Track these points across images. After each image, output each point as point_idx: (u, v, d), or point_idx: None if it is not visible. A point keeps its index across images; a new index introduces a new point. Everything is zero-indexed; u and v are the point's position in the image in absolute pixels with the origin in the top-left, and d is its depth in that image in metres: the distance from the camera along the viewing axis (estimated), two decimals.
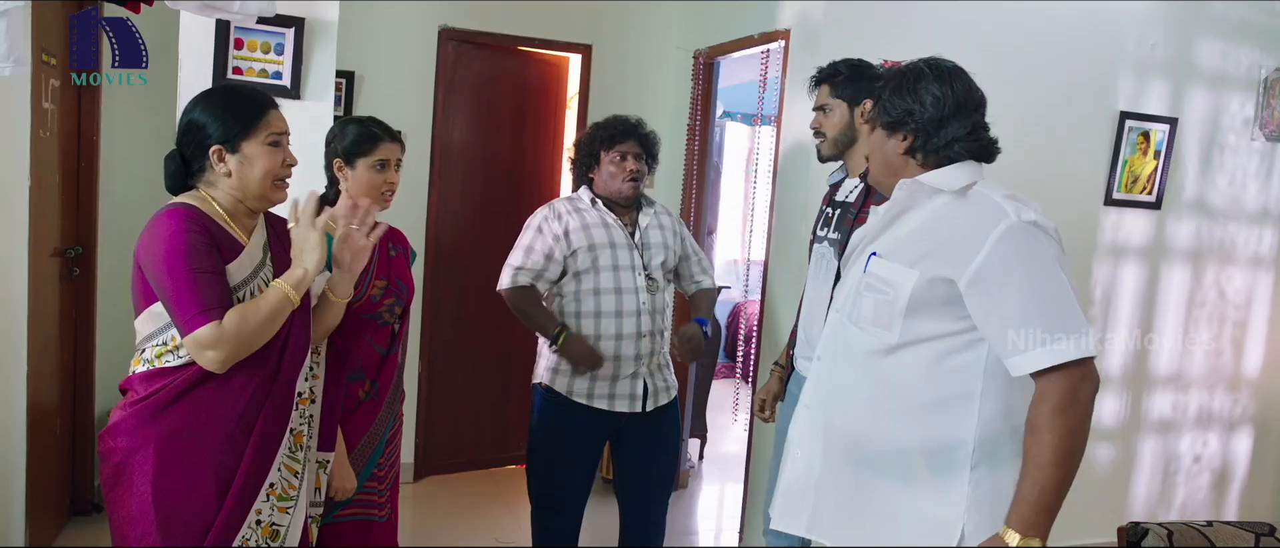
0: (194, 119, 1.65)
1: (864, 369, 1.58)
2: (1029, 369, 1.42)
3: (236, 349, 1.56)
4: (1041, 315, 1.41)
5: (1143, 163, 3.42)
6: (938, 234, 1.53)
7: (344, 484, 2.03)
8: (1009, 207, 1.46)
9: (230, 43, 2.45)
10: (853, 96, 2.27)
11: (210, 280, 1.56)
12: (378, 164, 2.09)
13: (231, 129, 1.64)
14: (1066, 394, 1.40)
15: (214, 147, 1.63)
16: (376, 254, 2.12)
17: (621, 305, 2.52)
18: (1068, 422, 1.40)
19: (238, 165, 1.65)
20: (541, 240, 2.53)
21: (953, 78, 1.56)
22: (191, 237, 1.56)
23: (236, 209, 1.68)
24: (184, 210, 1.60)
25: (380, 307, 2.11)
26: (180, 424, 1.58)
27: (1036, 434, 1.42)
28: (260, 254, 1.70)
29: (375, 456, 2.15)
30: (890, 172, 1.63)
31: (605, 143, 2.57)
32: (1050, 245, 1.46)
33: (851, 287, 1.64)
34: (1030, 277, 1.43)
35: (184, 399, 1.58)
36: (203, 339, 1.54)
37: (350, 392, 2.08)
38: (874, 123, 1.65)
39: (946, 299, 1.48)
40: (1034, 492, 1.41)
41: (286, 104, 2.50)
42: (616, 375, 2.54)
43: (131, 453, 1.58)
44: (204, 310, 1.53)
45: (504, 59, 4.01)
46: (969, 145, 1.56)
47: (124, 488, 1.58)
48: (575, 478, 2.62)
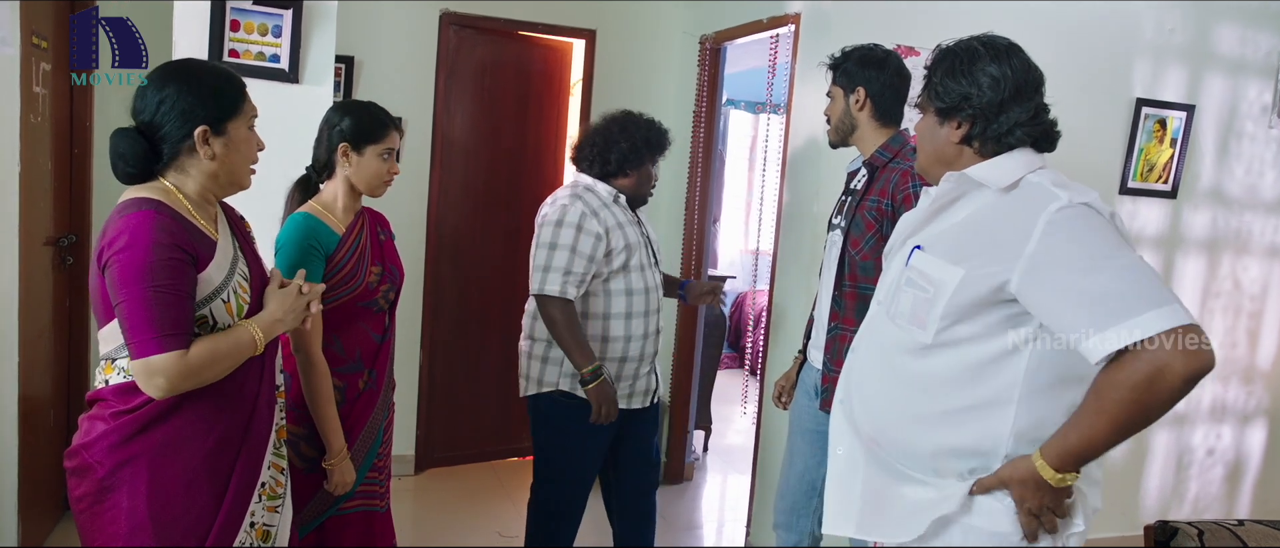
0: (173, 96, 1.49)
1: (895, 367, 1.50)
2: (1108, 350, 1.24)
3: (191, 385, 1.45)
4: (1111, 290, 1.26)
5: (1159, 151, 3.35)
6: (986, 230, 1.42)
7: (344, 479, 1.98)
8: (1060, 192, 1.36)
9: (226, 24, 2.37)
10: (848, 83, 2.23)
11: (175, 301, 1.42)
12: (386, 152, 2.04)
13: (221, 109, 1.51)
14: (1151, 370, 1.22)
15: (200, 127, 1.50)
16: (370, 240, 2.07)
17: (648, 304, 2.52)
18: (1141, 399, 1.24)
19: (222, 149, 1.53)
20: (584, 240, 2.39)
21: (1010, 55, 1.46)
22: (159, 247, 1.41)
23: (202, 199, 1.55)
24: (153, 211, 1.44)
25: (376, 294, 2.06)
26: (175, 435, 1.48)
27: (1098, 394, 1.29)
28: (232, 248, 1.59)
29: (375, 445, 2.10)
30: (942, 162, 1.52)
31: (655, 148, 2.53)
32: (1107, 226, 1.34)
33: (892, 279, 1.54)
34: (1092, 256, 1.30)
35: (180, 411, 1.48)
36: (159, 367, 1.40)
37: (349, 383, 2.02)
38: (924, 109, 1.55)
39: (992, 302, 1.37)
40: (1078, 439, 1.31)
41: (285, 88, 2.47)
42: (637, 375, 2.53)
43: (117, 469, 1.47)
44: (165, 335, 1.40)
45: (506, 44, 3.94)
46: (1030, 130, 1.46)
47: (110, 506, 1.47)
48: (587, 482, 2.59)
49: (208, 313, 1.49)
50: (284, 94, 2.42)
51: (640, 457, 2.67)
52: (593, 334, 2.46)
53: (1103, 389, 1.28)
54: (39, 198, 2.79)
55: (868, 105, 2.21)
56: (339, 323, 1.99)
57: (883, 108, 2.22)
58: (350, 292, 2.00)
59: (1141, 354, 1.23)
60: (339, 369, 2.00)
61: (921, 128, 1.57)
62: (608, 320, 2.46)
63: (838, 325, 2.17)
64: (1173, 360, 1.22)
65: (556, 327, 2.39)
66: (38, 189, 2.77)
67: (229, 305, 1.52)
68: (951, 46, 1.51)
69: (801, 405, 2.37)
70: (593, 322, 2.46)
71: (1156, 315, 1.23)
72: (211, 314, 1.50)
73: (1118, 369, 1.26)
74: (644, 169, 2.53)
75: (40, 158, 2.78)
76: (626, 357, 2.48)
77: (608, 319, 2.46)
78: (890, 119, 2.24)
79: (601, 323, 2.46)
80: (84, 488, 1.48)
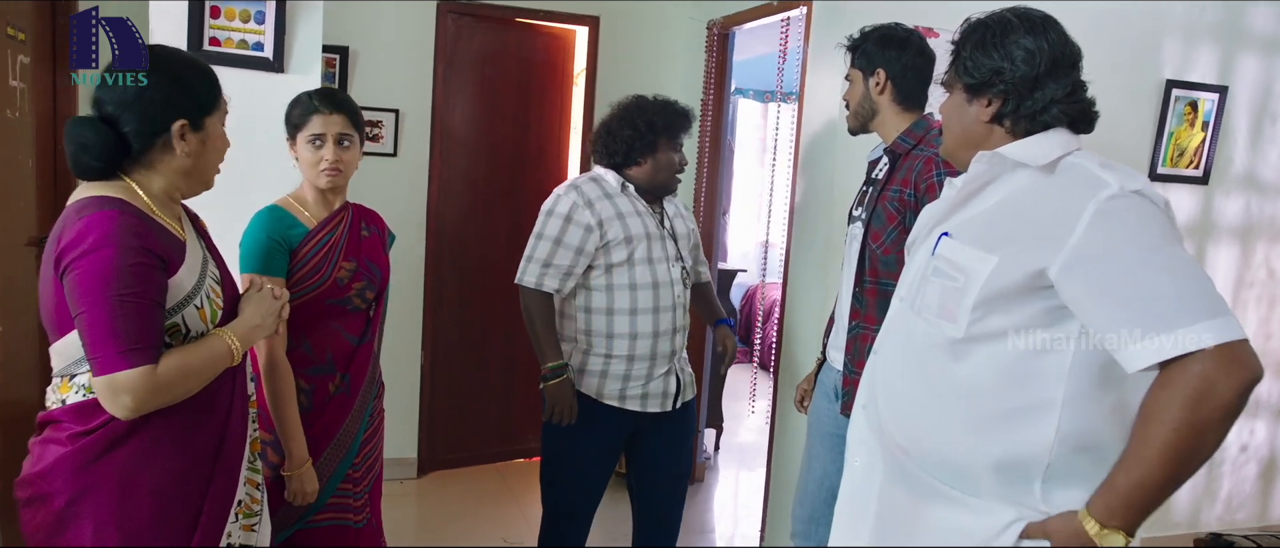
0: (151, 85, 1.37)
1: (924, 367, 1.37)
2: (1150, 361, 1.14)
3: (161, 402, 1.32)
4: (1161, 295, 1.15)
5: (1190, 135, 3.20)
6: (1023, 214, 1.30)
7: (303, 489, 1.86)
8: (1109, 176, 1.23)
9: (206, 10, 2.25)
10: (867, 65, 2.10)
11: (143, 311, 1.29)
12: (312, 139, 1.89)
13: (201, 102, 1.39)
14: (1200, 385, 1.12)
15: (179, 122, 1.38)
16: (346, 235, 1.95)
17: (658, 300, 2.34)
18: (1193, 417, 1.12)
19: (198, 146, 1.41)
20: (572, 231, 2.28)
21: (1046, 28, 1.34)
22: (125, 251, 1.28)
23: (165, 198, 1.43)
24: (118, 211, 1.31)
25: (348, 291, 1.94)
26: (142, 456, 1.35)
27: (1148, 422, 1.16)
28: (201, 250, 1.47)
29: (348, 457, 1.98)
30: (970, 144, 1.40)
31: (668, 131, 2.37)
32: (1162, 217, 1.22)
33: (917, 272, 1.42)
34: (1140, 253, 1.18)
35: (146, 428, 1.35)
36: (125, 384, 1.27)
37: (318, 385, 1.90)
38: (951, 87, 1.43)
39: (1028, 291, 1.25)
40: (1128, 483, 1.18)
41: (270, 78, 2.35)
42: (650, 375, 2.37)
43: (79, 497, 1.33)
44: (132, 349, 1.27)
45: (507, 32, 3.81)
46: (1067, 109, 1.34)
47: (73, 537, 1.34)
48: (596, 484, 2.45)
49: (180, 321, 1.37)
50: (269, 84, 2.30)
51: (658, 464, 2.51)
52: (595, 330, 2.33)
53: (1148, 415, 1.17)
54: (20, 197, 2.68)
55: (889, 88, 2.08)
56: (307, 322, 1.87)
57: (905, 91, 2.09)
58: (315, 288, 1.88)
59: (1187, 368, 1.13)
60: (306, 371, 1.89)
61: (948, 108, 1.45)
62: (611, 316, 2.33)
63: (859, 324, 2.04)
64: (1218, 374, 1.12)
65: (529, 318, 2.32)
66: (18, 187, 2.66)
67: (203, 312, 1.40)
68: (982, 19, 1.39)
69: (821, 408, 2.24)
70: (595, 317, 2.33)
71: (1208, 328, 1.12)
72: (184, 322, 1.37)
73: (1161, 389, 1.15)
74: (658, 155, 2.37)
75: (19, 155, 2.67)
76: (634, 355, 2.34)
77: (611, 315, 2.33)
78: (913, 103, 2.11)
79: (604, 319, 2.33)
80: (40, 519, 1.35)
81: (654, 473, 2.52)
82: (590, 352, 2.35)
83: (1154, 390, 1.17)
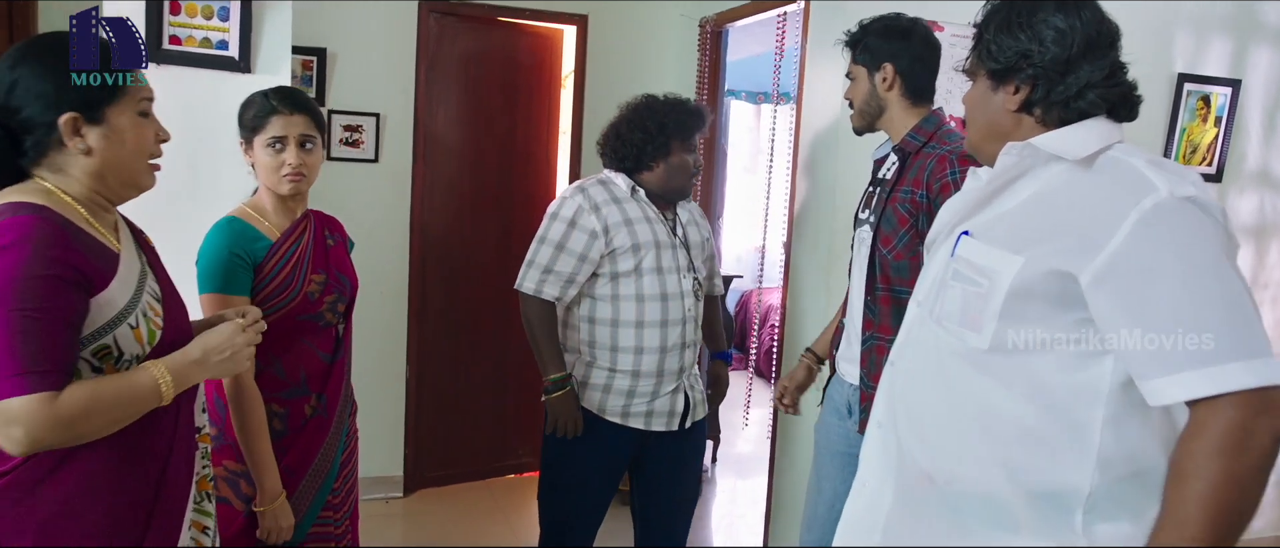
0: (27, 76, 1.21)
1: (947, 382, 1.23)
2: (1177, 398, 1.04)
3: (62, 438, 1.14)
4: (1200, 325, 1.03)
5: (1202, 131, 3.09)
6: (1055, 212, 1.16)
7: (278, 525, 1.72)
8: (1157, 178, 1.09)
9: (164, 6, 2.10)
10: (871, 61, 1.98)
11: (48, 330, 1.12)
12: (271, 142, 1.75)
13: (92, 91, 1.22)
14: (1235, 431, 1.01)
15: (67, 115, 1.21)
16: (312, 244, 1.81)
17: (667, 313, 2.20)
18: (1231, 468, 1.01)
19: (101, 141, 1.24)
20: (576, 237, 2.15)
21: (1079, 4, 1.21)
22: (34, 261, 1.12)
23: (92, 202, 1.27)
24: (33, 217, 1.15)
25: (320, 306, 1.80)
26: (65, 503, 1.18)
27: (1182, 479, 1.04)
28: (138, 262, 1.31)
29: (328, 482, 1.84)
30: (996, 136, 1.27)
31: (682, 132, 2.22)
32: (1215, 232, 1.08)
33: (935, 275, 1.29)
34: (1186, 272, 1.05)
35: (68, 469, 1.18)
36: (17, 413, 1.09)
37: (293, 409, 1.76)
38: (973, 74, 1.30)
39: (1060, 297, 1.12)
40: (1165, 542, 1.05)
41: (235, 79, 2.20)
42: (656, 393, 2.23)
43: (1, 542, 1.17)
44: (28, 372, 1.09)
45: (491, 32, 3.68)
46: (1105, 94, 1.20)
47: None
48: (596, 503, 2.31)
49: (111, 342, 1.21)
50: (235, 85, 2.15)
51: (662, 486, 2.36)
52: (599, 343, 2.20)
53: (1181, 472, 1.05)
54: None
55: (897, 83, 1.96)
56: (277, 341, 1.71)
57: (913, 85, 1.96)
58: (286, 304, 1.74)
59: (1220, 412, 1.02)
60: (280, 394, 1.75)
61: (971, 98, 1.32)
62: (616, 328, 2.19)
63: (873, 335, 1.91)
64: (1255, 422, 1.01)
65: (529, 326, 2.19)
66: None
67: (138, 331, 1.24)
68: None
69: (831, 425, 2.10)
70: (599, 328, 2.20)
71: (1245, 369, 1.01)
72: (116, 343, 1.21)
73: (1192, 439, 1.04)
74: (671, 159, 2.22)
75: None
76: (639, 371, 2.20)
77: (616, 327, 2.19)
78: (922, 97, 1.98)
79: (609, 331, 2.19)
80: None
81: (658, 495, 2.38)
82: (593, 365, 2.22)
83: (1184, 442, 1.06)
